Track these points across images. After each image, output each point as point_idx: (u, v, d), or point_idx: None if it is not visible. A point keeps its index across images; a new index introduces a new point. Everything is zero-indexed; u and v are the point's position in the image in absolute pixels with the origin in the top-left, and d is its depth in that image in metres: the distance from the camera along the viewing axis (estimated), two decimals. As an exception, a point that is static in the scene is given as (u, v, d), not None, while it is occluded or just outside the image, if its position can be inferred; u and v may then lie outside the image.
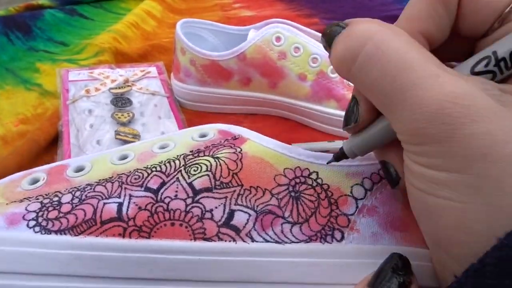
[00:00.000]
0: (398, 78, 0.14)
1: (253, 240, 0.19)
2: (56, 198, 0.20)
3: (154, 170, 0.21)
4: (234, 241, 0.19)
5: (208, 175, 0.20)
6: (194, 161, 0.21)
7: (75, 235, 0.19)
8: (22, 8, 0.64)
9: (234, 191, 0.20)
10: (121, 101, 0.43)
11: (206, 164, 0.21)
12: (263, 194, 0.20)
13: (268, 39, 0.41)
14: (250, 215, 0.20)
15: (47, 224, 0.19)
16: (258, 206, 0.20)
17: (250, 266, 0.19)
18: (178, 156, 0.22)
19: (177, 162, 0.21)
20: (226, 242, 0.19)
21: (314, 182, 0.20)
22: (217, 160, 0.21)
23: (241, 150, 0.21)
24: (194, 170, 0.20)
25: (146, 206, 0.19)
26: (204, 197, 0.20)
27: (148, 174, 0.21)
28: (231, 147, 0.22)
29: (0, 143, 0.38)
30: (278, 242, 0.19)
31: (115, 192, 0.20)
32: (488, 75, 0.15)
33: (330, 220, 0.20)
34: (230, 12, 0.73)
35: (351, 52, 0.15)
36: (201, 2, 0.76)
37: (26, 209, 0.19)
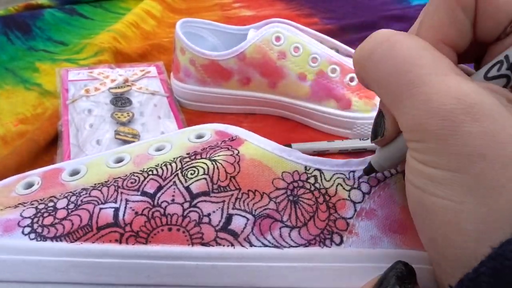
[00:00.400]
0: (407, 74, 0.14)
1: (251, 244, 0.19)
2: (51, 204, 0.20)
3: (150, 173, 0.20)
4: (232, 246, 0.19)
5: (205, 179, 0.20)
6: (191, 164, 0.21)
7: (71, 242, 0.18)
8: (22, 7, 0.64)
9: (232, 195, 0.20)
10: (120, 100, 0.43)
11: (203, 167, 0.20)
12: (261, 198, 0.20)
13: (267, 39, 0.41)
14: (248, 220, 0.19)
15: (43, 230, 0.19)
16: (256, 210, 0.20)
17: (249, 271, 0.19)
18: (174, 158, 0.21)
19: (173, 165, 0.21)
20: (224, 247, 0.19)
21: (312, 186, 0.20)
22: (214, 163, 0.20)
23: (238, 152, 0.21)
24: (191, 174, 0.20)
25: (143, 211, 0.19)
26: (201, 201, 0.19)
27: (144, 178, 0.20)
28: (228, 149, 0.21)
29: (0, 143, 0.38)
30: (276, 246, 0.19)
31: (111, 197, 0.20)
32: (502, 80, 0.15)
33: (329, 224, 0.20)
34: (230, 11, 0.73)
35: (369, 50, 0.16)
36: (200, 1, 0.76)
37: (21, 215, 0.19)
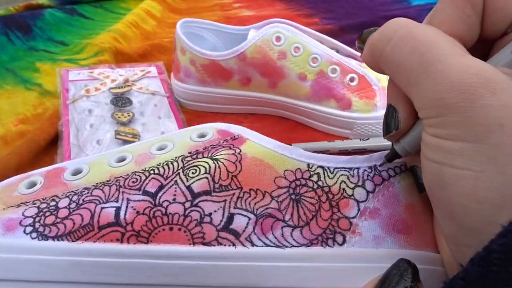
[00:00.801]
0: (425, 55, 0.15)
1: (253, 244, 0.19)
2: (53, 203, 0.20)
3: (152, 172, 0.20)
4: (234, 245, 0.19)
5: (207, 178, 0.20)
6: (193, 163, 0.21)
7: (73, 241, 0.18)
8: (22, 7, 0.64)
9: (234, 194, 0.20)
10: (121, 101, 0.43)
11: (204, 166, 0.20)
12: (263, 197, 0.20)
13: (268, 39, 0.41)
14: (250, 219, 0.19)
15: (44, 230, 0.18)
16: (258, 210, 0.19)
17: (250, 271, 0.19)
18: (176, 158, 0.21)
19: (175, 164, 0.21)
20: (225, 246, 0.19)
21: (315, 185, 0.20)
22: (216, 162, 0.20)
23: (240, 151, 0.21)
24: (193, 173, 0.20)
25: (144, 211, 0.19)
26: (203, 200, 0.19)
27: (146, 177, 0.20)
28: (230, 148, 0.21)
29: (0, 143, 0.38)
30: (278, 246, 0.19)
31: (113, 196, 0.20)
32: None
33: (332, 223, 0.19)
34: (230, 12, 0.73)
35: (386, 36, 0.17)
36: (201, 2, 0.76)
37: (23, 214, 0.19)
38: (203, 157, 0.21)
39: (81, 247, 0.18)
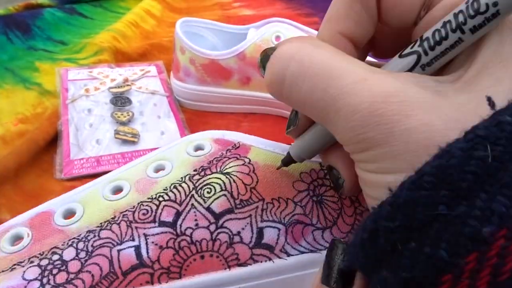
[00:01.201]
0: (327, 89, 0.14)
1: (288, 254, 0.18)
2: (56, 257, 0.17)
3: (161, 200, 0.19)
4: (271, 260, 0.18)
5: (225, 195, 0.19)
6: (204, 181, 0.19)
7: None
8: (22, 7, 0.64)
9: (257, 207, 0.19)
10: (120, 100, 0.43)
11: (218, 183, 0.19)
12: (287, 204, 0.19)
13: (267, 38, 0.41)
14: (279, 230, 0.18)
15: None
16: (285, 218, 0.19)
17: (293, 282, 0.18)
18: (182, 178, 0.20)
19: (184, 186, 0.19)
20: (262, 263, 0.18)
21: (331, 182, 0.20)
22: (229, 176, 0.19)
23: (250, 160, 0.20)
24: (208, 192, 0.19)
25: (167, 244, 0.17)
26: (227, 220, 0.18)
27: (157, 206, 0.18)
28: (237, 158, 0.20)
29: (-1, 143, 0.38)
30: (313, 251, 0.19)
31: (126, 234, 0.18)
32: (412, 57, 0.15)
33: (357, 218, 0.19)
34: (230, 11, 0.73)
35: (278, 75, 0.15)
36: (200, 1, 0.76)
37: (24, 278, 0.16)
38: (212, 173, 0.20)
39: None
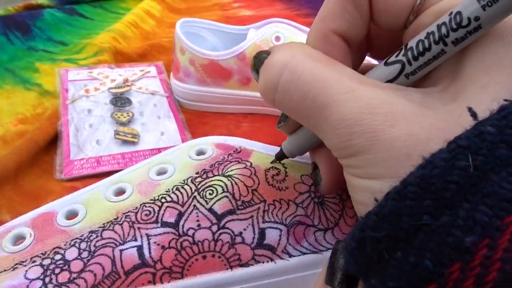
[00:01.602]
0: (317, 98, 0.14)
1: (290, 255, 0.19)
2: (58, 256, 0.17)
3: (164, 201, 0.19)
4: (273, 260, 0.18)
5: (227, 197, 0.19)
6: (206, 183, 0.20)
7: None
8: (22, 7, 0.64)
9: (259, 208, 0.19)
10: (120, 100, 0.43)
11: (220, 185, 0.19)
12: (288, 206, 0.19)
13: (267, 39, 0.41)
14: (281, 230, 0.19)
15: None
16: (286, 219, 0.19)
17: (295, 283, 0.18)
18: (184, 181, 0.20)
19: (187, 188, 0.19)
20: (264, 263, 0.18)
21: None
22: (230, 178, 0.19)
23: (251, 164, 0.20)
24: (210, 194, 0.19)
25: (170, 244, 0.18)
26: (229, 220, 0.18)
27: (159, 207, 0.19)
28: (239, 162, 0.20)
29: (-1, 143, 0.38)
30: (314, 252, 0.19)
31: (128, 234, 0.18)
32: (397, 66, 0.15)
33: (358, 219, 0.19)
34: (230, 11, 0.73)
35: (271, 83, 0.16)
36: (200, 1, 0.76)
37: (26, 277, 0.16)
38: (214, 175, 0.20)
39: None
